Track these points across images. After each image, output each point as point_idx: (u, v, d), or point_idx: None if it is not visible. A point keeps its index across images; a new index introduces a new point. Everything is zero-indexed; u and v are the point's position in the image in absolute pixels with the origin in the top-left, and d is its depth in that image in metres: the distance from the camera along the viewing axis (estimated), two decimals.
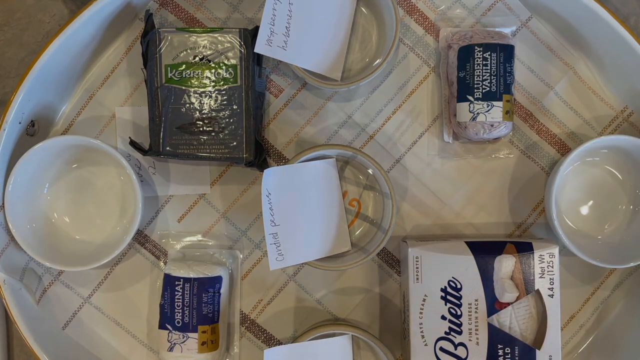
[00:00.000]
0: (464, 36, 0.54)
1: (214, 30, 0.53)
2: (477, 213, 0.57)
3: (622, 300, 0.58)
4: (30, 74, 0.52)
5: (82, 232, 0.56)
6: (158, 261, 0.57)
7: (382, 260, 0.58)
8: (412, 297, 0.52)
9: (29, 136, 0.55)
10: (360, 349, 0.57)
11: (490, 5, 0.56)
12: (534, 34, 0.57)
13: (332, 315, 0.58)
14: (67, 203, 0.56)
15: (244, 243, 0.58)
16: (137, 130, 0.57)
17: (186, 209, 0.57)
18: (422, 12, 0.57)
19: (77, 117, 0.57)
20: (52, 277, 0.57)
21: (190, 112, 0.53)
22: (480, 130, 0.53)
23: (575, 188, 0.56)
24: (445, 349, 0.51)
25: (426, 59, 0.57)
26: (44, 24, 0.58)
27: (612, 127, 0.57)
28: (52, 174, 0.55)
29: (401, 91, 0.57)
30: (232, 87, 0.53)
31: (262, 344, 0.58)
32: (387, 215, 0.52)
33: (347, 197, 0.56)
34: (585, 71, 0.57)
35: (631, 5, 0.58)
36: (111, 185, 0.56)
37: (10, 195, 0.52)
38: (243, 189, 0.57)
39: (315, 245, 0.52)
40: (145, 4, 0.56)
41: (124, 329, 0.58)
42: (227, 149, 0.53)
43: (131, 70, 0.57)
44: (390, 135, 0.57)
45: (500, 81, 0.52)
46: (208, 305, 0.54)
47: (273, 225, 0.51)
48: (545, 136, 0.57)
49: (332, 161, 0.54)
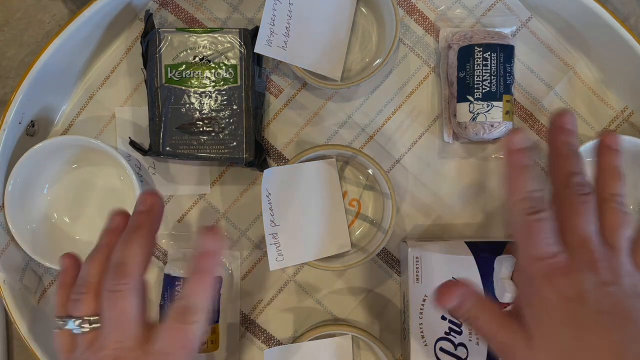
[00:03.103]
0: (464, 36, 0.54)
1: (214, 31, 0.53)
2: (477, 213, 0.57)
3: None
4: (30, 74, 0.52)
5: (82, 232, 0.56)
6: (158, 261, 0.58)
7: (382, 260, 0.58)
8: (412, 297, 0.52)
9: (29, 136, 0.55)
10: (360, 349, 0.57)
11: (490, 6, 0.56)
12: (534, 34, 0.57)
13: (332, 315, 0.58)
14: (67, 203, 0.56)
15: (244, 243, 0.58)
16: (137, 130, 0.57)
17: (186, 209, 0.57)
18: (422, 12, 0.57)
19: (77, 117, 0.57)
20: (52, 277, 0.57)
21: (190, 112, 0.53)
22: (480, 131, 0.53)
23: None
24: (445, 349, 0.51)
25: (426, 59, 0.57)
26: (44, 24, 0.58)
27: (612, 127, 0.57)
28: (52, 174, 0.55)
29: (401, 91, 0.57)
30: (232, 87, 0.53)
31: (262, 344, 0.58)
32: (387, 215, 0.52)
33: (347, 197, 0.56)
34: (585, 71, 0.57)
35: (631, 5, 0.58)
36: (111, 185, 0.56)
37: (10, 195, 0.52)
38: (243, 189, 0.57)
39: (315, 245, 0.52)
40: (145, 4, 0.56)
41: None
42: (227, 149, 0.53)
43: (131, 70, 0.57)
44: (390, 135, 0.57)
45: (500, 81, 0.52)
46: None
47: (273, 225, 0.51)
48: (545, 136, 0.57)
49: (332, 161, 0.54)
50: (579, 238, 0.38)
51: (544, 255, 0.38)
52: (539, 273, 0.38)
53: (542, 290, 0.37)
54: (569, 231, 0.39)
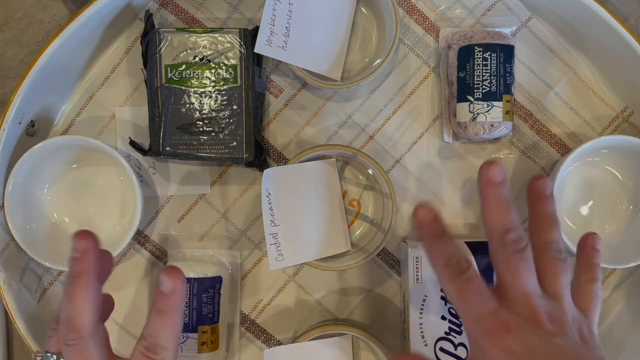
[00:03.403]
0: (464, 36, 0.54)
1: (214, 31, 0.53)
2: (477, 213, 0.57)
3: (622, 300, 0.58)
4: (30, 74, 0.51)
5: None
6: (158, 261, 0.58)
7: (382, 260, 0.58)
8: (412, 297, 0.52)
9: (29, 136, 0.55)
10: (360, 349, 0.57)
11: (490, 6, 0.56)
12: (534, 34, 0.57)
13: (332, 315, 0.58)
14: (67, 203, 0.56)
15: (243, 243, 0.58)
16: (137, 130, 0.57)
17: (186, 209, 0.57)
18: (422, 12, 0.57)
19: (77, 117, 0.57)
20: (52, 277, 0.57)
21: (190, 112, 0.53)
22: (480, 131, 0.53)
23: (575, 188, 0.56)
24: (445, 349, 0.51)
25: (426, 59, 0.57)
26: (44, 24, 0.58)
27: (612, 127, 0.57)
28: (52, 174, 0.55)
29: (401, 91, 0.57)
30: (232, 87, 0.53)
31: (262, 344, 0.58)
32: (387, 215, 0.52)
33: (347, 197, 0.56)
34: (585, 71, 0.57)
35: (631, 5, 0.58)
36: (111, 185, 0.56)
37: (10, 196, 0.52)
38: (243, 189, 0.57)
39: (316, 245, 0.52)
40: (145, 4, 0.56)
41: (124, 329, 0.58)
42: (227, 149, 0.53)
43: (131, 70, 0.57)
44: (390, 135, 0.57)
45: (500, 81, 0.52)
46: (208, 306, 0.54)
47: (273, 225, 0.51)
48: (545, 136, 0.57)
49: (332, 161, 0.54)
50: (520, 295, 0.38)
51: (483, 314, 0.38)
52: (484, 334, 0.37)
53: (490, 351, 0.37)
54: (509, 289, 0.38)
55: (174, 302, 0.40)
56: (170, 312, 0.40)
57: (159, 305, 0.40)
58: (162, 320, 0.40)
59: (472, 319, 0.38)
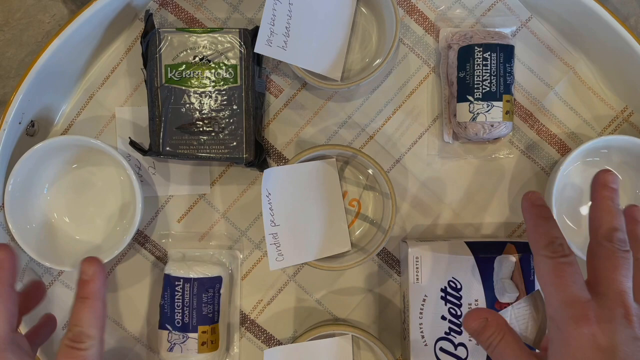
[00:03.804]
0: (464, 36, 0.54)
1: (214, 31, 0.53)
2: (477, 213, 0.57)
3: None
4: (30, 74, 0.51)
5: (82, 232, 0.56)
6: (158, 261, 0.58)
7: (382, 260, 0.58)
8: (412, 297, 0.52)
9: (29, 136, 0.55)
10: (360, 349, 0.57)
11: (490, 6, 0.56)
12: (534, 34, 0.57)
13: (332, 315, 0.58)
14: (67, 203, 0.56)
15: (244, 243, 0.58)
16: (137, 130, 0.57)
17: (186, 209, 0.57)
18: (422, 12, 0.57)
19: (77, 117, 0.57)
20: (52, 277, 0.57)
21: (190, 112, 0.53)
22: (480, 131, 0.53)
23: (575, 188, 0.56)
24: (445, 349, 0.51)
25: (426, 59, 0.57)
26: (44, 24, 0.58)
27: (612, 127, 0.57)
28: (52, 174, 0.55)
29: (401, 91, 0.57)
30: (232, 87, 0.53)
31: (262, 344, 0.58)
32: (387, 215, 0.52)
33: (347, 197, 0.56)
34: (585, 71, 0.57)
35: (631, 5, 0.58)
36: (111, 185, 0.56)
37: (10, 195, 0.52)
38: (243, 189, 0.57)
39: (315, 245, 0.52)
40: (145, 4, 0.56)
41: (124, 329, 0.58)
42: (227, 149, 0.53)
43: (131, 70, 0.57)
44: (390, 135, 0.57)
45: (500, 81, 0.52)
46: (208, 306, 0.54)
47: (273, 225, 0.51)
48: (545, 136, 0.57)
49: (332, 161, 0.54)
50: (615, 291, 0.38)
51: (575, 299, 0.38)
52: (571, 318, 0.37)
53: (573, 336, 0.37)
54: (605, 283, 0.38)
55: (94, 287, 0.42)
56: (91, 298, 0.42)
57: (80, 292, 0.42)
58: (83, 307, 0.42)
59: (561, 300, 0.38)
